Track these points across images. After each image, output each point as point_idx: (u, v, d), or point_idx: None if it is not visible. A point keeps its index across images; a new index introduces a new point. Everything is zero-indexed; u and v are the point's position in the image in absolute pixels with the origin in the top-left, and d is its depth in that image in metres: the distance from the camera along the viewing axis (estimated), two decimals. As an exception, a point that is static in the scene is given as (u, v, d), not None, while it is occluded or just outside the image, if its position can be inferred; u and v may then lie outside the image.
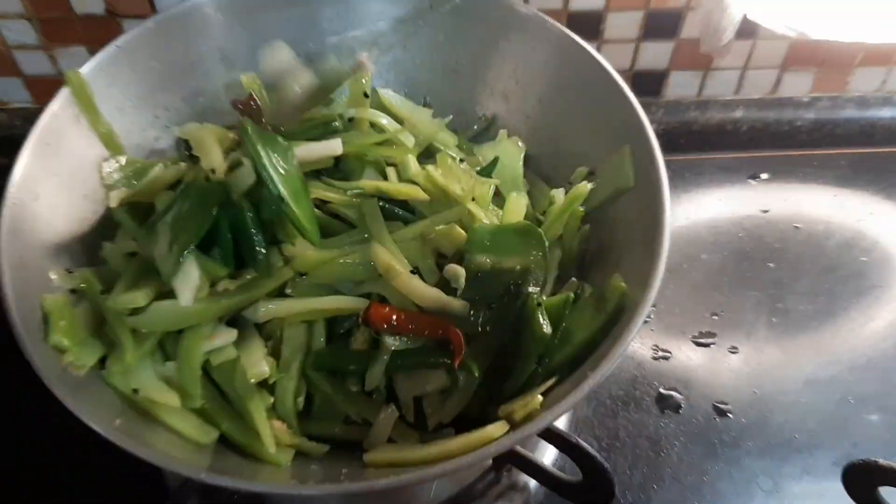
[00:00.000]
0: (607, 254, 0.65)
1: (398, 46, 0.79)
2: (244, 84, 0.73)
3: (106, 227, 0.66)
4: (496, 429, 0.52)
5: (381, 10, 0.77)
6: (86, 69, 0.67)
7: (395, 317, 0.59)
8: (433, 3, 0.76)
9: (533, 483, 0.72)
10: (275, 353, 0.61)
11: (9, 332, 0.53)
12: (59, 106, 0.64)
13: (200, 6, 0.72)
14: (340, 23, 0.77)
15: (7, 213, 0.58)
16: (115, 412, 0.54)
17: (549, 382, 0.56)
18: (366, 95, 0.73)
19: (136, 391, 0.56)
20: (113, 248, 0.64)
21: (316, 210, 0.63)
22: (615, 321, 0.57)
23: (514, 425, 0.53)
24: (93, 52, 0.68)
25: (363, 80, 0.74)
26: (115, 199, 0.65)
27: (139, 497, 0.71)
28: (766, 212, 0.96)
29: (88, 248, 0.65)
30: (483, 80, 0.77)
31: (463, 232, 0.62)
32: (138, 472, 0.69)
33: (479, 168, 0.71)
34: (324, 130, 0.69)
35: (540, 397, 0.54)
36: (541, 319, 0.58)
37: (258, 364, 0.58)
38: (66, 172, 0.65)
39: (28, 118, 0.98)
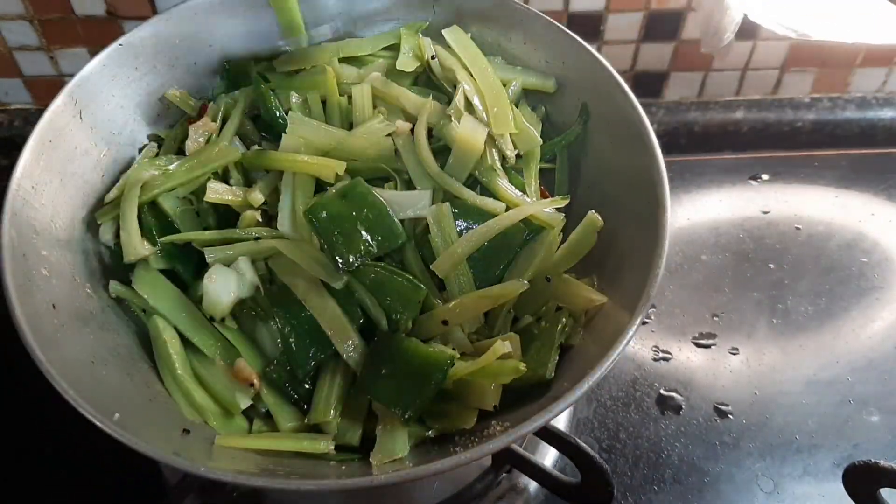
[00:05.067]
0: (607, 254, 0.65)
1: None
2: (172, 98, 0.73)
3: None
4: (501, 346, 0.56)
5: (386, 10, 0.77)
6: (89, 67, 0.67)
7: None
8: (436, 2, 0.76)
9: (533, 484, 0.72)
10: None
11: (7, 328, 0.53)
12: (61, 105, 0.64)
13: (201, 6, 0.72)
14: (343, 21, 0.77)
15: (8, 209, 0.58)
16: (114, 406, 0.54)
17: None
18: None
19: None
20: None
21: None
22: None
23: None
24: (93, 53, 0.68)
25: None
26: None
27: (137, 494, 0.71)
28: (766, 213, 0.96)
29: (91, 246, 0.65)
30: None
31: None
32: (136, 470, 0.70)
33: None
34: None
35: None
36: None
37: None
38: (68, 171, 0.65)
39: (28, 119, 0.98)
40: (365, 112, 0.69)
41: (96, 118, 0.68)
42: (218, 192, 0.65)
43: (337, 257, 0.60)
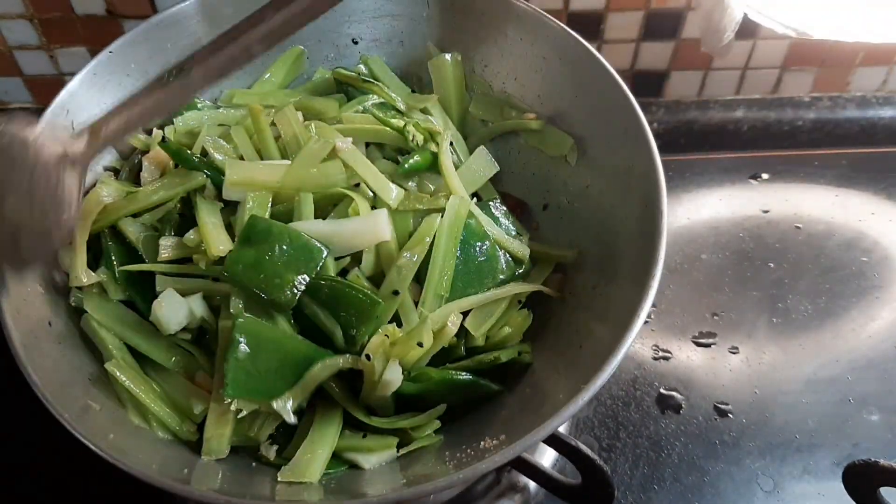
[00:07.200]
0: (605, 254, 0.65)
1: (395, 42, 0.79)
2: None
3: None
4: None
5: (378, 6, 0.77)
6: (79, 77, 0.66)
7: None
8: (430, 0, 0.76)
9: (533, 484, 0.72)
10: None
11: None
12: (51, 116, 0.64)
13: (199, 6, 0.72)
14: (338, 18, 0.77)
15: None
16: (108, 427, 0.55)
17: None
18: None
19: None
20: None
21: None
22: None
23: None
24: (93, 52, 0.68)
25: None
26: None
27: (138, 495, 0.71)
28: (766, 212, 0.96)
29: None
30: (481, 78, 0.77)
31: None
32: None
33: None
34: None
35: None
36: None
37: None
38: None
39: (28, 118, 0.97)
40: (297, 140, 0.65)
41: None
42: (169, 250, 0.61)
43: (275, 299, 0.57)
